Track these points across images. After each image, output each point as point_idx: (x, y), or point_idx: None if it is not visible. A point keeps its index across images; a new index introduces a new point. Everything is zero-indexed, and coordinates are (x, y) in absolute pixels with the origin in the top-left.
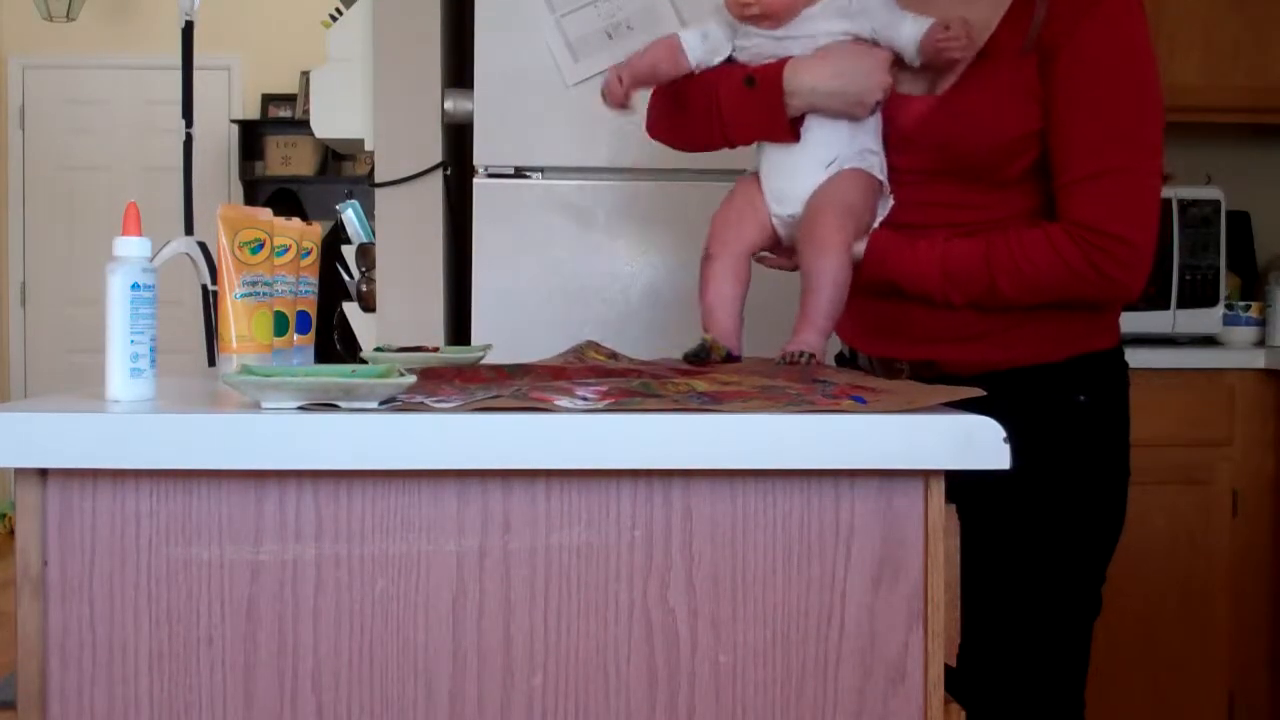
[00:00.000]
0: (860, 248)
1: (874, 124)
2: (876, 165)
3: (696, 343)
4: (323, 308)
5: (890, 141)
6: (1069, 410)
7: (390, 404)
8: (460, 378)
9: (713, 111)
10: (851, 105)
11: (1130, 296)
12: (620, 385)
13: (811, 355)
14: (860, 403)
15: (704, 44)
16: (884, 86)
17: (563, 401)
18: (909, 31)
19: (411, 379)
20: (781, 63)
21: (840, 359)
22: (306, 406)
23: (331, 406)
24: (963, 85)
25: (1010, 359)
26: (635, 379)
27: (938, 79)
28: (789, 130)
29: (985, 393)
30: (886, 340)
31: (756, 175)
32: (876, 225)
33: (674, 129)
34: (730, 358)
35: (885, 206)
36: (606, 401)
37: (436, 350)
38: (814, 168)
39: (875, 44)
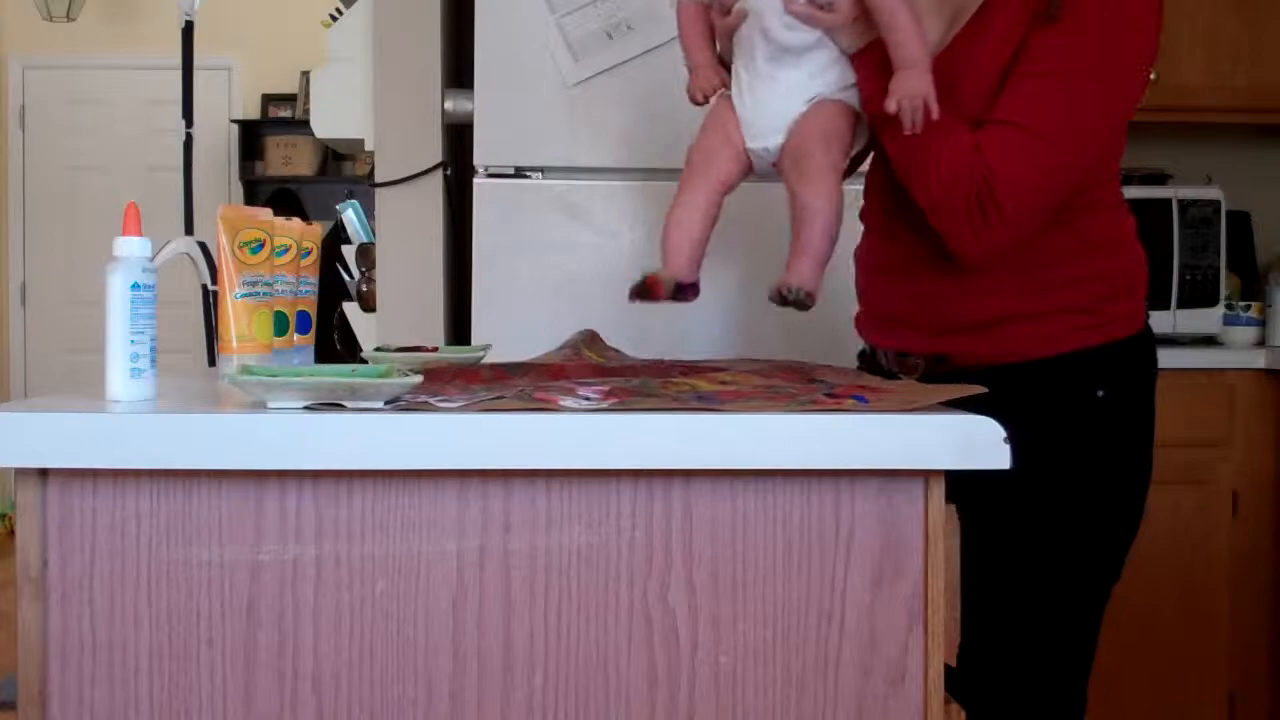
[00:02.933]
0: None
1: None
2: (858, 99)
3: (639, 278)
4: (323, 308)
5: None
6: (1087, 406)
7: (394, 404)
8: (462, 378)
9: None
10: None
11: (970, 258)
12: (622, 385)
13: (806, 292)
14: (862, 402)
15: None
16: None
17: (567, 401)
18: None
19: (417, 379)
20: None
21: (861, 357)
22: (310, 406)
23: (334, 406)
24: (962, 36)
25: (1024, 351)
26: (636, 378)
27: (948, 29)
28: None
29: (987, 389)
30: (899, 332)
31: (729, 100)
32: (855, 152)
33: None
34: (680, 290)
35: (863, 136)
36: (610, 401)
37: (436, 350)
38: (795, 105)
39: None
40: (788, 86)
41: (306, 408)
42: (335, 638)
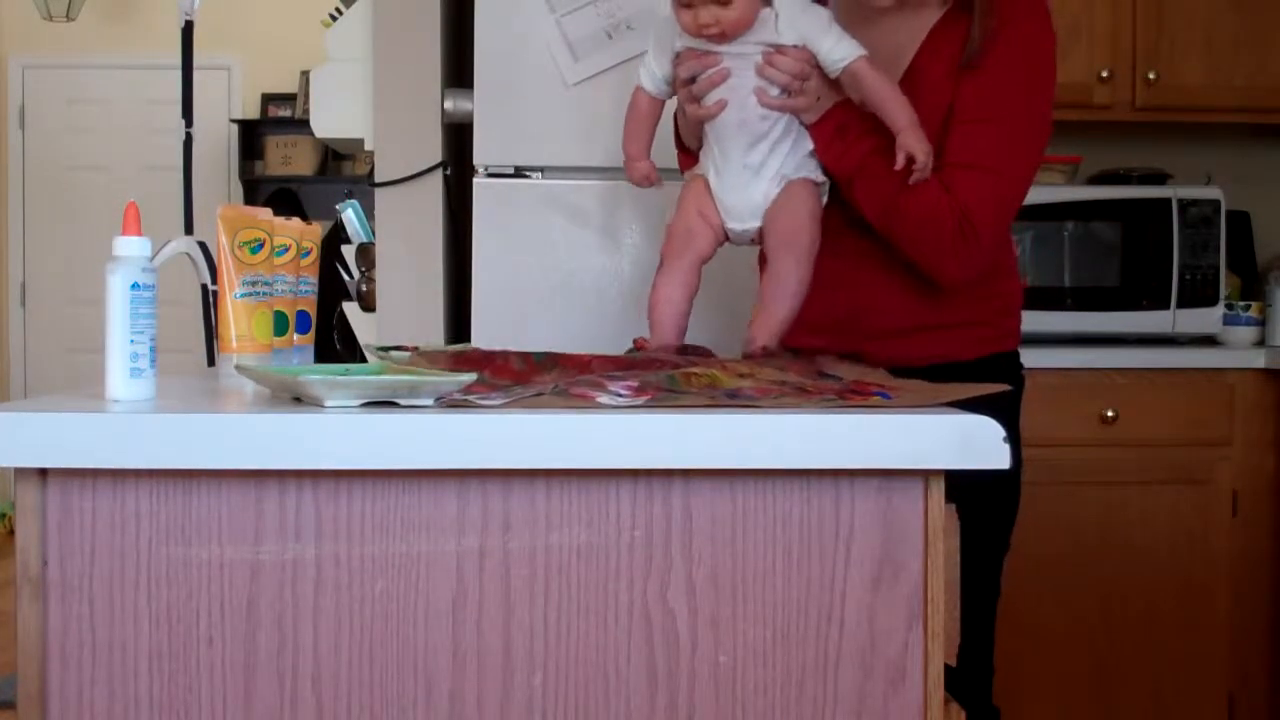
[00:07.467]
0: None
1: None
2: (818, 167)
3: (627, 350)
4: (323, 308)
5: None
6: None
7: (441, 401)
8: (491, 368)
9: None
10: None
11: (955, 282)
12: (650, 381)
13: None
14: (886, 399)
15: (658, 79)
16: None
17: (603, 398)
18: (837, 53)
19: (471, 376)
20: None
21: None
22: (335, 406)
23: (378, 405)
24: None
25: (929, 356)
26: (659, 370)
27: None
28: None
29: (1010, 388)
30: (818, 336)
31: (704, 180)
32: None
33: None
34: None
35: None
36: (644, 398)
37: (415, 350)
38: (772, 188)
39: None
40: (769, 172)
41: (331, 409)
42: (335, 638)
